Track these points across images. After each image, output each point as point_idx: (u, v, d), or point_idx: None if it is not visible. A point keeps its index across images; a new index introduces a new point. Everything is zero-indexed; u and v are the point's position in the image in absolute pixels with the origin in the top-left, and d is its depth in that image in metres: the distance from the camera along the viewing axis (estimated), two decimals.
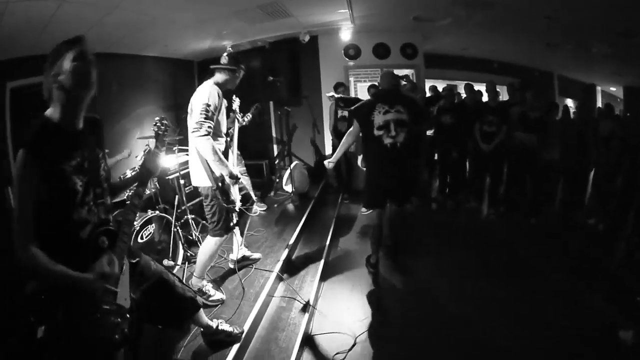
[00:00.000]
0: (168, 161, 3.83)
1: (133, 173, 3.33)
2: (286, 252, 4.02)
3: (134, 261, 1.82)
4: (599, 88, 11.03)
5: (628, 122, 7.02)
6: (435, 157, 6.77)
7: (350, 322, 3.20)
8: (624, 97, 10.20)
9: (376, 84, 6.51)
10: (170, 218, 3.39)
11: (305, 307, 3.22)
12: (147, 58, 4.64)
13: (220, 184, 2.82)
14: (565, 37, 6.42)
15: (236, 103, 3.49)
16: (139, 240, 3.02)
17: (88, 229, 1.58)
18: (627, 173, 5.25)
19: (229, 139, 3.13)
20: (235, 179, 2.83)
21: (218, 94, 2.80)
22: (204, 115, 2.67)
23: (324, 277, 4.00)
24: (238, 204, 3.04)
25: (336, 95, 5.38)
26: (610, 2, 4.58)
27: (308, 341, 2.98)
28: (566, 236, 5.16)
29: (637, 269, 4.16)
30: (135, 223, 2.97)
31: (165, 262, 3.14)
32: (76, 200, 1.51)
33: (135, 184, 1.88)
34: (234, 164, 3.12)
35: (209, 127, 2.68)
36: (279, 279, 3.64)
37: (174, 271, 3.18)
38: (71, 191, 1.49)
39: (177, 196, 3.55)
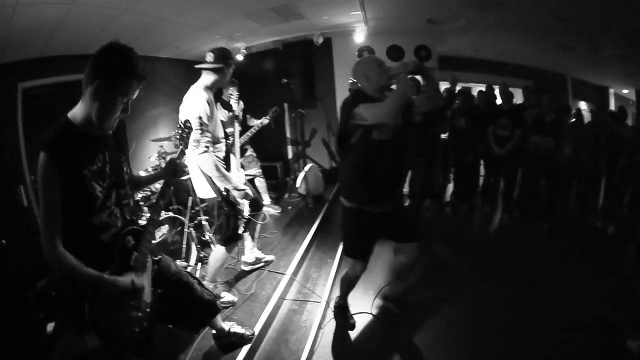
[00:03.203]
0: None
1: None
2: (299, 254, 4.02)
3: (156, 259, 1.88)
4: (611, 91, 10.78)
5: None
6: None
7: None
8: (636, 100, 9.88)
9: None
10: (184, 219, 3.41)
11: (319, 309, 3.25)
12: (159, 60, 4.67)
13: (225, 194, 2.77)
14: (577, 38, 6.31)
15: (234, 97, 3.38)
16: (152, 241, 2.98)
17: (111, 231, 1.62)
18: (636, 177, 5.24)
19: (229, 141, 3.02)
20: (242, 193, 2.78)
21: (208, 101, 2.67)
22: (200, 130, 2.56)
23: (337, 279, 3.92)
24: (246, 211, 3.01)
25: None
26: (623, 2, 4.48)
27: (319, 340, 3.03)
28: (579, 240, 5.11)
29: None
30: None
31: (178, 262, 3.11)
32: (96, 205, 1.55)
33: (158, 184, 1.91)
34: (237, 168, 3.09)
35: (207, 141, 2.60)
36: (292, 281, 3.63)
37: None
38: (91, 196, 1.53)
39: (190, 197, 3.52)
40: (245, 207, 3.01)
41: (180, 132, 1.99)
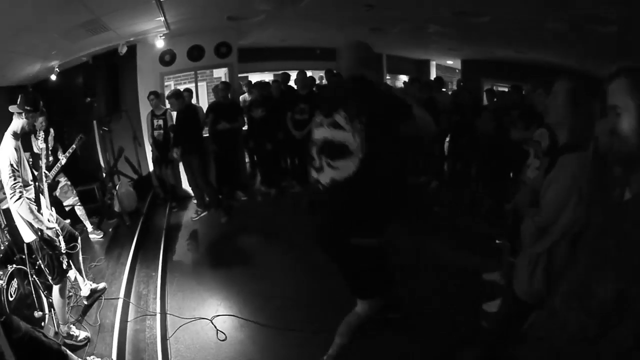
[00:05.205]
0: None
1: None
2: (126, 275, 4.33)
3: (2, 319, 2.08)
4: (433, 62, 11.80)
5: (460, 91, 8.03)
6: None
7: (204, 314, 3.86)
8: (462, 68, 11.00)
9: (191, 88, 6.94)
10: (26, 268, 3.38)
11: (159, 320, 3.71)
12: None
13: (40, 234, 3.08)
14: (392, 21, 6.84)
15: (47, 138, 3.65)
16: (10, 298, 3.08)
17: None
18: (455, 138, 6.45)
19: (37, 183, 3.23)
20: (53, 231, 3.18)
21: (16, 148, 2.93)
22: (13, 178, 2.84)
23: (166, 287, 4.46)
24: (63, 247, 3.28)
25: None
26: None
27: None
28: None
29: (487, 217, 5.02)
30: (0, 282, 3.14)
31: (36, 313, 3.30)
32: None
33: None
34: (47, 206, 3.35)
35: (20, 186, 2.88)
36: (127, 302, 3.98)
37: (46, 320, 3.38)
38: None
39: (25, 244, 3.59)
40: (62, 242, 3.31)
41: None
